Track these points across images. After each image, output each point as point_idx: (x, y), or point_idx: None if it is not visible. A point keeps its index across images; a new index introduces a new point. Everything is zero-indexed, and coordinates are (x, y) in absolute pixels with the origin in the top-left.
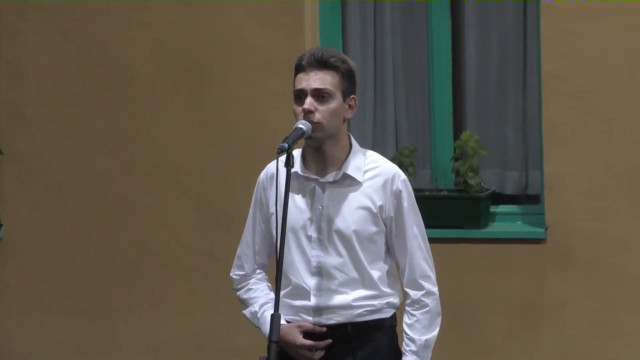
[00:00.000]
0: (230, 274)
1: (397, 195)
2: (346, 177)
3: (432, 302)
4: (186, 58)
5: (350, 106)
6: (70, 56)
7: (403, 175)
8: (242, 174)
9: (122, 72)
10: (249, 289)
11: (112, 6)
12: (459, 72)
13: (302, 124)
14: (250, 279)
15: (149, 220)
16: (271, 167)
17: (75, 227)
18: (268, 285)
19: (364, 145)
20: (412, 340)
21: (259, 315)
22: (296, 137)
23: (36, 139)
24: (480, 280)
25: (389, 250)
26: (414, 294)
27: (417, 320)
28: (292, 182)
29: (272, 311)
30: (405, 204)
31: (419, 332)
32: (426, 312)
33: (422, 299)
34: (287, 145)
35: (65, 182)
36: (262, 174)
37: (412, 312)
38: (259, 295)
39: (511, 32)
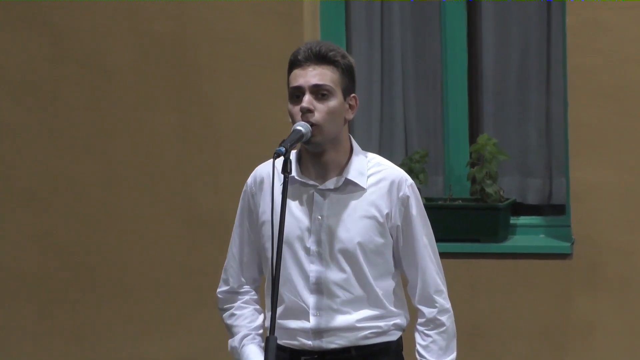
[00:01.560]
0: (217, 291)
1: (405, 202)
2: (348, 183)
3: (448, 321)
4: (172, 52)
5: (350, 106)
6: (42, 49)
7: (410, 180)
8: (233, 181)
9: (100, 67)
10: (232, 315)
11: None
12: (475, 68)
13: (301, 126)
14: (235, 301)
15: (130, 232)
16: (260, 171)
17: (48, 238)
18: (256, 309)
19: (369, 150)
20: None
21: (239, 350)
22: (294, 140)
23: (5, 141)
24: (499, 299)
25: (397, 265)
26: (428, 312)
27: (433, 342)
28: (288, 188)
29: (252, 345)
30: (413, 211)
31: (436, 354)
32: (443, 332)
33: (438, 317)
34: (284, 148)
35: (37, 188)
36: (250, 179)
37: (426, 332)
38: (241, 325)
39: (533, 24)
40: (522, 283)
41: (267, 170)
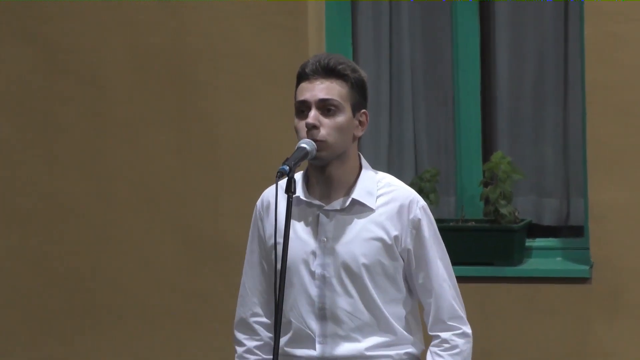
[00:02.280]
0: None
1: (416, 224)
2: (355, 203)
3: (465, 345)
4: (170, 66)
5: (360, 122)
6: (34, 63)
7: (422, 201)
8: (235, 203)
9: (95, 82)
10: None
11: (82, 6)
12: (489, 82)
13: (306, 144)
14: (241, 345)
15: (126, 255)
16: (267, 193)
17: (39, 262)
18: None
19: (377, 169)
20: None
21: None
22: (298, 158)
23: None
24: (514, 326)
25: (410, 289)
26: (443, 333)
27: None
28: (293, 209)
29: None
30: (426, 233)
31: None
32: (456, 354)
33: (454, 337)
34: (287, 167)
35: (27, 209)
36: (258, 203)
37: (438, 352)
38: None
39: (550, 36)
40: (538, 309)
41: (274, 193)
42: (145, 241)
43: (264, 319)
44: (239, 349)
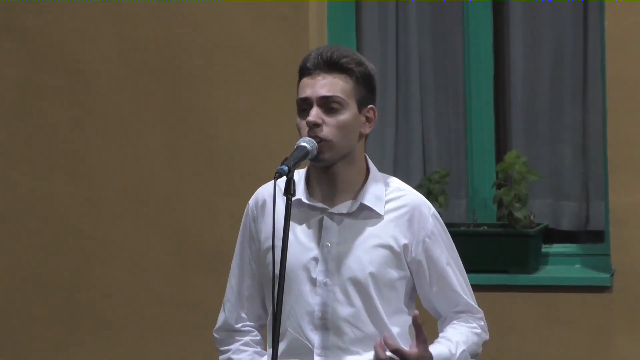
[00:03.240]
0: (213, 330)
1: (429, 234)
2: (363, 208)
3: (483, 334)
4: (161, 60)
5: (367, 118)
6: (16, 57)
7: (432, 208)
8: (231, 206)
9: (80, 77)
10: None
11: None
12: (502, 78)
13: (306, 142)
14: (233, 342)
15: (115, 263)
16: (262, 192)
17: (23, 270)
18: (256, 352)
19: (383, 169)
20: (444, 337)
21: None
22: (298, 158)
23: None
24: (529, 337)
25: (411, 301)
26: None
27: (458, 331)
28: (293, 211)
29: None
30: (439, 242)
31: (456, 335)
32: (471, 329)
33: (470, 317)
34: (286, 167)
35: (10, 213)
36: (251, 201)
37: (455, 323)
38: None
39: (568, 30)
40: (556, 319)
41: (270, 191)
42: (135, 247)
43: (250, 323)
44: (234, 345)
